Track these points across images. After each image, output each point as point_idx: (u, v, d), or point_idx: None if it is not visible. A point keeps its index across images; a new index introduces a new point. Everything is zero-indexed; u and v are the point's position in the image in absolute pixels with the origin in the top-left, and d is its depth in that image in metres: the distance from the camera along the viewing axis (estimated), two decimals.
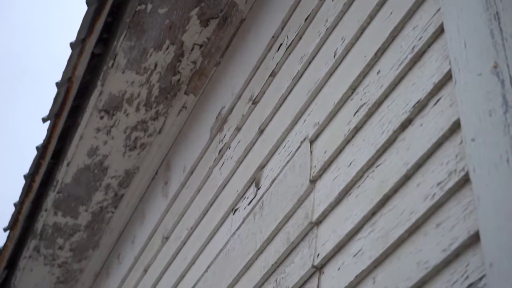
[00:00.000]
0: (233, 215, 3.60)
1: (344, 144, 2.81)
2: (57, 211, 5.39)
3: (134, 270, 4.91)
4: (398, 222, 2.38)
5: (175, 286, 4.11)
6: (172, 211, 4.45)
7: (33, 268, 5.86)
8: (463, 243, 2.09)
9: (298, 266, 2.90)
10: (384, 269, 2.41)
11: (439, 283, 2.15)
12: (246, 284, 3.26)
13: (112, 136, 4.82)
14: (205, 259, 3.79)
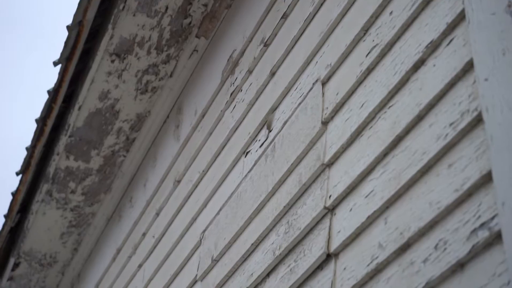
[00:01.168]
0: (244, 158, 3.61)
1: (356, 86, 2.80)
2: (69, 155, 5.42)
3: (146, 213, 4.94)
4: (410, 162, 2.38)
5: (187, 229, 4.15)
6: (183, 155, 4.47)
7: (45, 212, 5.91)
8: (475, 183, 2.10)
9: (310, 208, 2.91)
10: (396, 210, 2.42)
11: (451, 223, 2.17)
12: (258, 226, 3.28)
13: (123, 79, 4.82)
14: (217, 201, 3.81)
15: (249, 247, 3.32)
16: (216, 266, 3.64)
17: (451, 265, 2.12)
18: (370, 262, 2.48)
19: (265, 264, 3.14)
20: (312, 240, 2.87)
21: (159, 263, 4.47)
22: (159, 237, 4.58)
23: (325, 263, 2.76)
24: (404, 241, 2.34)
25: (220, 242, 3.63)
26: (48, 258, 6.43)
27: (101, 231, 5.92)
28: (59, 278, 6.66)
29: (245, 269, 3.33)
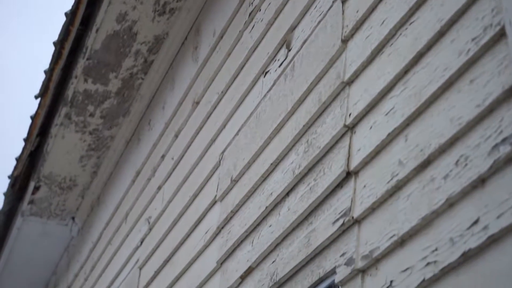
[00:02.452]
0: (263, 78, 3.60)
1: (376, 3, 2.76)
2: (87, 78, 5.42)
3: (165, 135, 4.95)
4: (431, 79, 2.36)
5: (206, 150, 4.16)
6: (202, 76, 4.46)
7: (64, 135, 5.94)
8: (497, 98, 2.08)
9: (329, 126, 2.91)
10: (417, 127, 2.41)
11: (472, 139, 2.16)
12: (277, 146, 3.29)
13: (140, 1, 4.78)
14: (236, 122, 3.81)
15: (269, 166, 3.33)
16: (236, 186, 3.66)
17: (472, 180, 2.12)
18: (390, 179, 2.48)
19: (285, 184, 3.15)
20: (331, 159, 2.87)
21: (178, 184, 4.50)
22: (178, 159, 4.60)
23: (345, 181, 2.77)
24: (424, 157, 2.33)
25: (239, 162, 3.64)
26: (67, 181, 6.49)
27: (120, 154, 5.96)
28: (79, 201, 6.73)
29: (264, 189, 3.35)
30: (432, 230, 2.26)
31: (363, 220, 2.62)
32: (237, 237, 3.52)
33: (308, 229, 2.94)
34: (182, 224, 4.34)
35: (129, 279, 5.16)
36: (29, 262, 7.59)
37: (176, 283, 4.28)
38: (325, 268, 2.79)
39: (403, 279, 2.33)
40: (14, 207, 7.09)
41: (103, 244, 6.06)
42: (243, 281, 3.43)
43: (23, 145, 6.46)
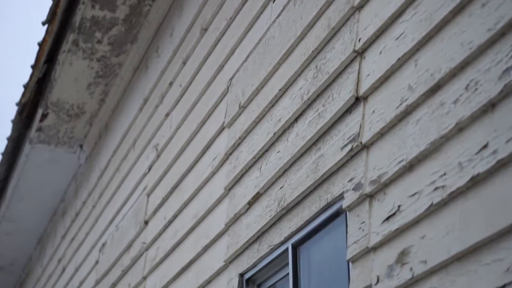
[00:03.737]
0: (272, 3, 3.56)
1: None
2: (95, 4, 5.38)
3: (173, 62, 4.94)
4: (442, 3, 2.33)
5: (214, 77, 4.14)
6: (210, 2, 4.41)
7: (72, 62, 5.93)
8: (509, 21, 2.06)
9: (339, 51, 2.89)
10: (427, 51, 2.39)
11: (482, 63, 2.14)
12: (286, 72, 3.27)
13: None
14: (245, 48, 3.79)
15: (277, 92, 3.32)
16: (244, 113, 3.66)
17: (482, 105, 2.11)
18: (400, 104, 2.48)
19: (293, 109, 3.15)
20: (340, 84, 2.86)
21: (186, 111, 4.50)
22: (186, 86, 4.59)
23: (354, 106, 2.76)
24: (434, 82, 2.32)
25: (247, 88, 3.63)
26: (75, 108, 6.49)
27: (128, 82, 5.95)
28: (87, 129, 6.74)
29: (272, 115, 3.35)
30: (440, 155, 2.26)
31: (372, 146, 2.62)
32: (245, 163, 3.53)
33: (316, 154, 2.95)
34: (190, 150, 4.35)
35: (137, 206, 5.20)
36: (38, 190, 7.65)
37: (183, 209, 4.31)
38: (333, 193, 2.80)
39: (411, 204, 2.34)
40: (22, 134, 7.11)
41: (111, 171, 6.09)
42: (250, 206, 3.45)
43: (31, 72, 6.45)
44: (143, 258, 4.90)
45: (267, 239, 3.26)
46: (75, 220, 7.18)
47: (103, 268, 5.80)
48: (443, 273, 2.18)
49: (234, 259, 3.55)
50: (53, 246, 8.02)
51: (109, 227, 5.90)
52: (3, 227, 8.30)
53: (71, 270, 7.05)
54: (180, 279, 4.21)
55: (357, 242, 2.59)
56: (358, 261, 2.59)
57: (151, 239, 4.77)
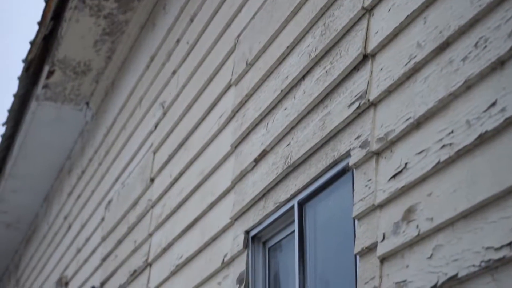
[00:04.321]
0: None
1: None
2: None
3: (180, 20, 4.91)
4: None
5: (222, 34, 4.12)
6: None
7: (79, 19, 5.90)
8: None
9: (347, 9, 2.87)
10: (436, 8, 2.38)
11: (492, 21, 2.13)
12: (294, 29, 3.26)
13: None
14: (252, 5, 3.76)
15: (284, 50, 3.30)
16: (251, 70, 3.65)
17: (491, 62, 2.10)
18: (408, 62, 2.46)
19: (301, 67, 3.14)
20: (348, 42, 2.85)
21: (193, 69, 4.48)
22: (193, 43, 4.57)
23: (362, 64, 2.75)
24: (443, 40, 2.31)
25: (255, 46, 3.62)
26: (82, 66, 6.48)
27: (134, 39, 5.92)
28: (93, 86, 6.74)
29: (280, 72, 3.34)
30: (448, 113, 2.26)
31: (379, 103, 2.61)
32: (251, 120, 3.53)
33: (323, 112, 2.94)
34: (196, 108, 4.35)
35: (143, 163, 5.21)
36: (44, 147, 7.66)
37: (190, 167, 4.31)
38: (340, 150, 2.80)
39: (418, 161, 2.34)
40: (28, 91, 7.11)
41: (117, 129, 6.09)
42: (257, 164, 3.45)
43: (37, 29, 6.43)
44: (149, 215, 4.92)
45: (273, 197, 3.27)
46: (81, 178, 7.20)
47: (109, 225, 5.83)
48: (449, 230, 2.18)
49: (240, 217, 3.57)
50: (59, 203, 8.06)
51: (115, 184, 5.92)
52: (10, 184, 8.33)
53: (77, 227, 7.08)
54: (186, 236, 4.23)
55: (363, 199, 2.60)
56: (364, 218, 2.60)
57: (157, 197, 4.79)
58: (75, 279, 6.86)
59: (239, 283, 3.46)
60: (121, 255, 5.41)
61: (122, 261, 5.36)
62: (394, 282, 2.38)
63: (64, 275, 7.29)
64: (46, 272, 8.23)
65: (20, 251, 10.07)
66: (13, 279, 10.28)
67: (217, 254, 3.77)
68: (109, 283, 5.66)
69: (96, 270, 6.13)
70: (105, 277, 5.76)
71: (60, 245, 7.74)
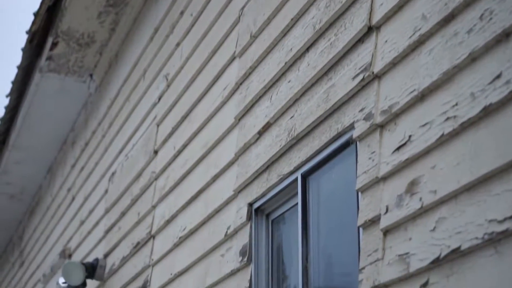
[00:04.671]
0: None
1: None
2: None
3: None
4: None
5: (226, 6, 4.11)
6: None
7: None
8: None
9: None
10: None
11: None
12: (298, 0, 3.24)
13: None
14: None
15: (289, 22, 3.29)
16: (255, 42, 3.63)
17: (496, 35, 2.09)
18: (413, 34, 2.45)
19: (305, 39, 3.13)
20: (353, 14, 2.83)
21: (197, 41, 4.47)
22: (197, 15, 4.55)
23: (366, 36, 2.74)
24: (448, 11, 2.30)
25: (259, 18, 3.60)
26: (85, 37, 6.46)
27: (138, 11, 5.90)
28: (97, 58, 6.72)
29: (284, 44, 3.33)
30: (453, 85, 2.25)
31: (384, 75, 2.60)
32: (255, 93, 3.52)
33: (327, 84, 2.94)
34: (200, 80, 4.34)
35: (147, 135, 5.21)
36: (47, 119, 7.66)
37: (193, 139, 4.31)
38: (344, 123, 2.79)
39: (422, 134, 2.34)
40: (32, 63, 7.09)
41: (121, 101, 6.09)
42: (260, 136, 3.45)
43: (41, 0, 6.40)
44: (152, 187, 4.93)
45: (277, 169, 3.27)
46: (84, 150, 7.21)
47: (113, 197, 5.85)
48: (453, 203, 2.18)
49: (243, 189, 3.57)
50: (62, 175, 8.07)
51: (119, 156, 5.92)
52: (13, 156, 8.34)
53: (80, 199, 7.10)
54: (189, 208, 4.24)
55: (367, 172, 2.60)
56: (368, 191, 2.60)
57: (161, 169, 4.79)
58: (79, 251, 6.89)
59: (242, 255, 3.46)
60: (124, 227, 5.43)
61: (125, 233, 5.37)
62: (397, 255, 2.39)
63: (68, 246, 7.31)
64: (49, 244, 8.26)
65: (23, 222, 10.10)
66: (17, 250, 10.32)
67: (220, 226, 3.77)
68: (112, 255, 5.68)
69: (99, 242, 6.15)
70: (108, 249, 5.78)
71: (63, 217, 7.76)
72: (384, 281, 2.42)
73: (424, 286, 2.25)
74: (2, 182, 8.99)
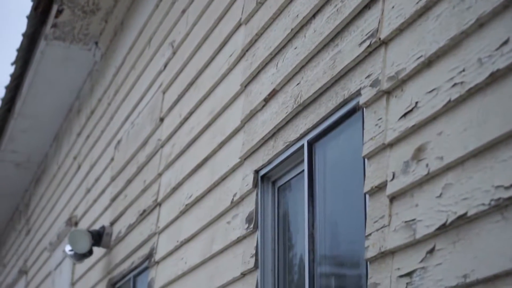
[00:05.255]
0: None
1: None
2: None
3: None
4: None
5: None
6: None
7: None
8: None
9: None
10: None
11: None
12: None
13: None
14: None
15: None
16: (261, 9, 3.62)
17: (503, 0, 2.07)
18: (420, 0, 2.44)
19: (311, 5, 3.11)
20: None
21: (203, 7, 4.45)
22: None
23: (373, 2, 2.72)
24: None
25: None
26: (91, 5, 6.44)
27: None
28: (102, 26, 6.70)
29: (290, 11, 3.31)
30: (460, 51, 2.24)
31: (390, 42, 2.59)
32: (261, 59, 3.51)
33: (334, 51, 2.93)
34: (206, 47, 4.33)
35: (153, 103, 5.20)
36: (53, 87, 7.65)
37: (199, 106, 4.31)
38: (350, 89, 2.79)
39: (429, 100, 2.33)
40: (37, 30, 7.08)
41: (127, 69, 6.08)
42: (266, 103, 3.45)
43: None
44: (158, 155, 4.93)
45: (283, 136, 3.27)
46: (90, 118, 7.21)
47: (119, 165, 5.86)
48: (459, 169, 2.18)
49: (250, 156, 3.57)
50: (68, 143, 8.08)
51: (125, 124, 5.92)
52: (19, 124, 8.35)
53: (86, 167, 7.11)
54: (195, 176, 4.24)
55: (374, 138, 2.59)
56: (374, 157, 2.59)
57: (167, 136, 4.79)
58: (85, 218, 6.92)
59: (248, 222, 3.47)
60: (130, 195, 5.45)
61: (131, 201, 5.39)
62: (403, 221, 2.39)
63: (74, 215, 7.34)
64: (56, 212, 8.29)
65: (30, 190, 10.14)
66: (23, 218, 10.36)
67: (226, 193, 3.78)
68: (118, 223, 5.71)
69: (105, 210, 6.18)
70: (114, 216, 5.80)
71: (69, 185, 7.78)
72: (390, 248, 2.42)
73: (430, 252, 2.25)
74: (8, 150, 9.01)
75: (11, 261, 11.03)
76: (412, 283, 2.31)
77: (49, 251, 8.06)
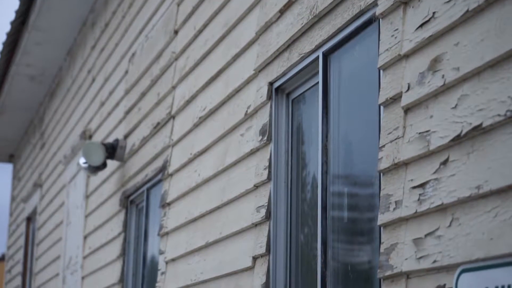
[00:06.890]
0: None
1: None
2: None
3: None
4: None
5: None
6: None
7: None
8: None
9: None
10: None
11: None
12: None
13: None
14: None
15: None
16: None
17: None
18: None
19: None
20: None
21: None
22: None
23: None
24: None
25: None
26: None
27: None
28: None
29: None
30: None
31: None
32: None
33: None
34: None
35: (167, 16, 5.16)
36: None
37: (214, 18, 4.27)
38: (367, 0, 2.75)
39: (446, 10, 2.30)
40: None
41: None
42: (282, 14, 3.41)
43: None
44: (173, 67, 4.92)
45: (298, 48, 3.24)
46: (104, 31, 7.17)
47: (133, 78, 5.85)
48: (475, 80, 2.16)
49: (264, 68, 3.55)
50: (82, 57, 8.06)
51: (139, 37, 5.89)
52: (33, 37, 8.31)
53: (100, 80, 7.11)
54: (209, 88, 4.23)
55: (389, 49, 2.57)
56: (390, 68, 2.57)
57: (181, 49, 4.77)
58: (99, 132, 6.94)
59: (262, 135, 3.48)
60: (144, 108, 5.45)
61: (145, 113, 5.39)
62: (417, 132, 2.38)
63: (88, 128, 7.36)
64: (70, 125, 8.32)
65: (44, 104, 10.16)
66: (38, 132, 10.41)
67: (240, 105, 3.77)
68: (132, 136, 5.72)
69: (119, 123, 6.19)
70: (128, 129, 5.82)
71: (83, 98, 7.79)
72: (404, 159, 2.42)
73: (444, 163, 2.25)
74: (22, 63, 8.99)
75: (26, 174, 11.13)
76: (425, 194, 2.32)
77: (63, 164, 8.11)
